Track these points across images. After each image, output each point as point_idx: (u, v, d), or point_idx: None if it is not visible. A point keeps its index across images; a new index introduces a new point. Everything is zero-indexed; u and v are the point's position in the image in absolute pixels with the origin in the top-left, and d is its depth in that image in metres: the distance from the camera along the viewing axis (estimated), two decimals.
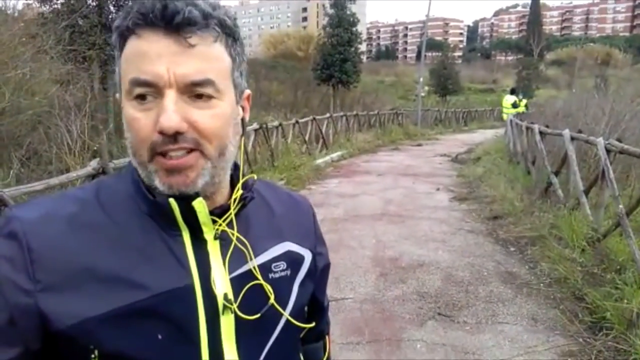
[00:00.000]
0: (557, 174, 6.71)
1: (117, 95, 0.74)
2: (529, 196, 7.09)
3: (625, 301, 3.58)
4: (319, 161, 11.42)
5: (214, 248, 0.75)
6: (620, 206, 4.58)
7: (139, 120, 0.68)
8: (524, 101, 16.33)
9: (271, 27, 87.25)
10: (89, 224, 0.70)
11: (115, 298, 0.68)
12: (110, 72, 9.99)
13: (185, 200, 0.71)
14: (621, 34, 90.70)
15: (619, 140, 5.26)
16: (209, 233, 0.75)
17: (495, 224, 6.26)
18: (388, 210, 7.15)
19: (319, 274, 0.92)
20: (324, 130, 13.65)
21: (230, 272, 0.75)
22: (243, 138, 0.80)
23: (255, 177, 0.84)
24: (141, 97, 0.68)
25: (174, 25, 0.66)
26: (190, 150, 0.68)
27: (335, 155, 12.65)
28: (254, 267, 0.78)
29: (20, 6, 11.18)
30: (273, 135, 10.55)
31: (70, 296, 0.67)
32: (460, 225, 6.34)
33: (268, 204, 0.87)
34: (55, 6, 9.87)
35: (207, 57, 0.69)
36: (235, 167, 0.81)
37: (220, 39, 0.71)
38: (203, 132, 0.68)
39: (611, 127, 7.07)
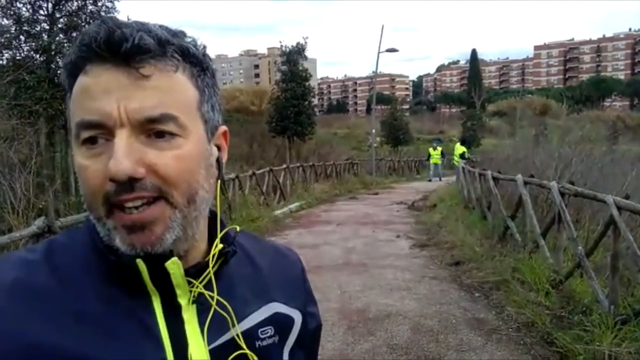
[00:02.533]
0: (513, 217, 6.85)
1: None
2: (488, 241, 7.18)
3: (597, 344, 3.56)
4: (278, 212, 11.28)
5: (190, 314, 0.63)
6: (580, 247, 4.68)
7: (88, 168, 0.58)
8: (460, 149, 17.29)
9: (224, 83, 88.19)
10: (35, 292, 0.58)
11: None
12: (57, 127, 9.67)
13: (155, 260, 0.59)
14: (556, 86, 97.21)
15: (572, 183, 5.44)
16: (183, 297, 0.63)
17: (458, 270, 6.24)
18: (350, 260, 7.04)
19: (310, 337, 0.80)
20: (281, 181, 13.59)
21: (210, 342, 0.63)
22: (219, 182, 0.68)
23: (238, 228, 0.73)
24: (90, 141, 0.58)
25: (122, 54, 0.57)
26: (153, 200, 0.58)
27: (293, 205, 12.54)
28: (238, 335, 0.66)
29: None
30: (230, 187, 10.37)
31: None
32: (424, 272, 6.29)
33: (251, 258, 0.75)
34: (0, 62, 9.61)
35: (166, 90, 0.58)
36: (213, 216, 0.69)
37: (183, 69, 0.61)
38: (165, 177, 0.58)
39: (561, 171, 7.35)
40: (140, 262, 0.59)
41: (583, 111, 55.86)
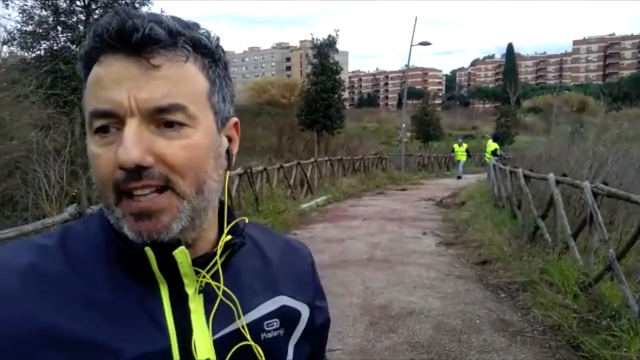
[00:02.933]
0: (543, 217, 6.69)
1: None
2: (517, 240, 7.03)
3: (624, 350, 3.46)
4: (304, 206, 11.31)
5: (196, 304, 0.64)
6: (611, 250, 4.53)
7: (100, 156, 0.59)
8: (492, 146, 16.65)
9: (255, 76, 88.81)
10: (48, 277, 0.59)
11: None
12: None
13: (164, 249, 0.60)
14: (594, 82, 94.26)
15: (605, 183, 5.27)
16: (190, 286, 0.64)
17: (484, 269, 6.15)
18: (375, 256, 7.01)
19: (318, 332, 0.80)
20: (308, 175, 13.62)
21: (214, 333, 0.64)
22: (227, 173, 0.68)
23: (247, 220, 0.73)
24: (102, 130, 0.59)
25: (133, 44, 0.57)
26: (161, 190, 0.59)
27: (320, 199, 12.55)
28: (243, 326, 0.66)
29: (6, 54, 11.23)
30: (257, 180, 10.46)
31: None
32: (449, 270, 6.22)
33: (261, 250, 0.75)
34: (38, 52, 9.89)
35: (176, 80, 0.59)
36: (222, 207, 0.70)
37: (194, 60, 0.61)
38: (173, 166, 0.59)
39: (595, 171, 7.13)
40: (148, 250, 0.60)
41: (622, 109, 54.02)
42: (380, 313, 4.74)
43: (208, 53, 0.63)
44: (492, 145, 16.23)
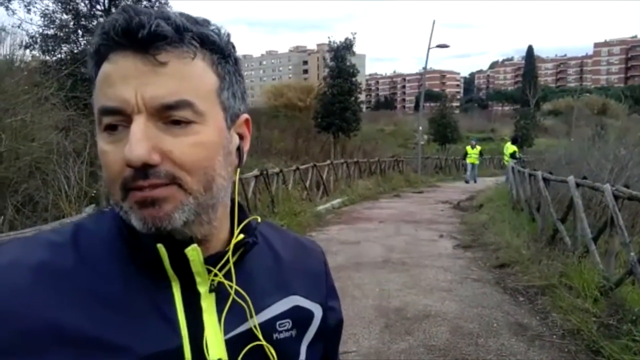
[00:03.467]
0: (563, 220, 6.58)
1: None
2: (535, 244, 6.93)
3: None
4: (320, 208, 11.30)
5: (208, 303, 0.64)
6: (632, 254, 4.45)
7: (108, 154, 0.59)
8: (511, 148, 16.45)
9: (273, 79, 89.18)
10: (60, 273, 0.59)
11: None
12: None
13: (177, 246, 0.60)
14: (616, 85, 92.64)
15: (626, 186, 5.16)
16: (202, 285, 0.63)
17: (502, 273, 6.07)
18: (391, 258, 6.97)
19: (331, 333, 0.79)
20: (324, 177, 13.61)
21: (226, 332, 0.64)
22: (238, 170, 0.68)
23: (259, 219, 0.72)
24: (111, 128, 0.58)
25: (140, 41, 0.57)
26: (167, 184, 0.58)
27: (336, 202, 12.54)
28: (255, 326, 0.66)
29: (28, 58, 11.50)
30: (274, 181, 10.48)
31: None
32: (466, 273, 6.15)
33: (274, 250, 0.75)
34: (59, 55, 10.07)
35: (183, 76, 0.58)
36: (234, 206, 0.69)
37: (202, 56, 0.61)
38: (181, 164, 0.58)
39: (616, 174, 6.99)
40: (161, 247, 0.60)
41: None
42: (395, 315, 4.70)
43: (217, 49, 0.62)
44: (510, 148, 16.03)
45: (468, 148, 20.55)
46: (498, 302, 5.07)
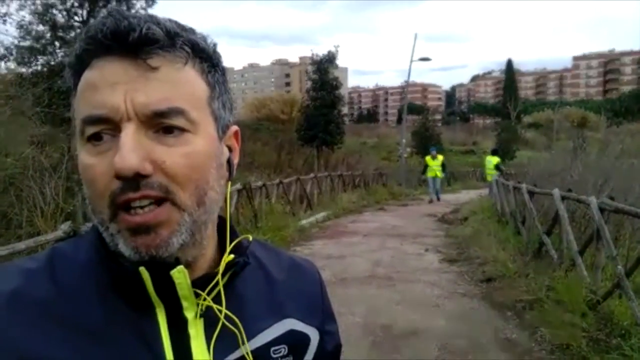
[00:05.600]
0: (548, 233, 6.58)
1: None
2: (522, 257, 6.91)
3: None
4: (304, 222, 11.19)
5: (196, 329, 0.59)
6: (619, 267, 4.43)
7: (94, 167, 0.55)
8: (494, 160, 15.94)
9: (255, 92, 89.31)
10: (35, 302, 0.55)
11: None
12: None
13: (161, 269, 0.54)
14: (595, 98, 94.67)
15: (612, 198, 5.16)
16: (190, 310, 0.58)
17: (489, 287, 6.02)
18: (377, 273, 6.88)
19: (328, 359, 0.73)
20: (308, 191, 13.53)
21: None
22: (229, 184, 0.63)
23: (251, 237, 0.67)
24: (96, 138, 0.55)
25: (130, 44, 0.54)
26: (160, 202, 0.55)
27: (320, 215, 12.44)
28: (247, 353, 0.62)
29: (3, 70, 11.25)
30: (256, 195, 10.36)
31: None
32: (454, 288, 6.08)
33: (265, 270, 0.69)
34: (35, 67, 9.89)
35: (175, 82, 0.55)
36: (221, 223, 0.64)
37: (193, 63, 0.57)
38: (174, 175, 0.55)
39: (600, 186, 7.03)
40: (143, 271, 0.55)
41: (623, 124, 54.16)
42: (383, 332, 4.61)
43: (207, 57, 0.60)
44: (494, 160, 16.05)
45: (428, 159, 17.32)
46: (486, 318, 5.01)
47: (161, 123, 0.55)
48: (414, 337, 4.50)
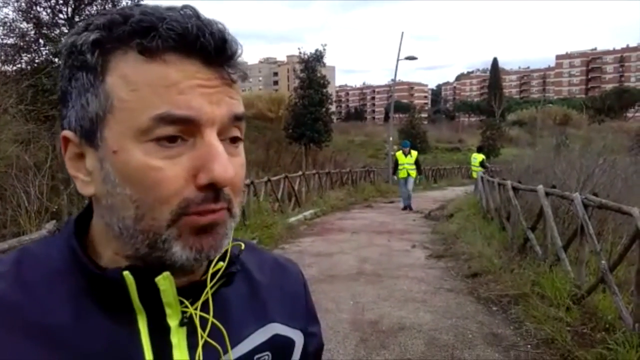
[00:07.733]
0: (533, 229, 6.65)
1: (72, 134, 0.55)
2: (507, 252, 6.98)
3: None
4: (292, 219, 11.19)
5: (178, 338, 0.56)
6: (603, 261, 4.49)
7: (163, 170, 0.51)
8: (479, 157, 16.09)
9: (243, 90, 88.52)
10: (1, 309, 0.52)
11: None
12: None
13: (144, 275, 0.52)
14: (577, 96, 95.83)
15: (595, 194, 5.24)
16: (173, 318, 0.55)
17: (475, 282, 6.07)
18: (364, 269, 6.91)
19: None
20: (296, 188, 13.52)
21: None
22: None
23: (243, 245, 0.65)
24: (168, 140, 0.51)
25: (221, 56, 0.53)
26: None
27: (308, 213, 12.44)
28: None
29: None
30: (245, 193, 10.32)
31: None
32: (440, 283, 6.13)
33: (249, 273, 0.67)
34: (19, 65, 9.74)
35: (240, 95, 0.58)
36: None
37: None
38: (238, 186, 0.55)
39: (583, 182, 7.13)
40: (128, 275, 0.52)
41: (605, 121, 54.94)
42: (370, 329, 4.63)
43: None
44: (479, 157, 16.22)
45: (399, 155, 14.22)
46: (472, 312, 5.05)
47: (231, 132, 0.56)
48: (401, 332, 4.52)
